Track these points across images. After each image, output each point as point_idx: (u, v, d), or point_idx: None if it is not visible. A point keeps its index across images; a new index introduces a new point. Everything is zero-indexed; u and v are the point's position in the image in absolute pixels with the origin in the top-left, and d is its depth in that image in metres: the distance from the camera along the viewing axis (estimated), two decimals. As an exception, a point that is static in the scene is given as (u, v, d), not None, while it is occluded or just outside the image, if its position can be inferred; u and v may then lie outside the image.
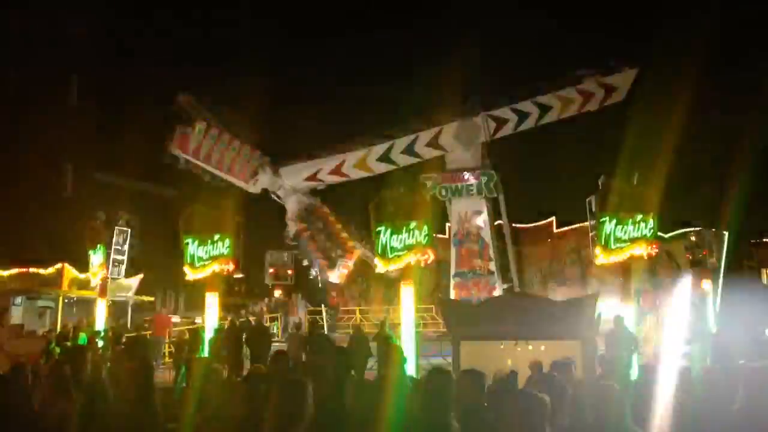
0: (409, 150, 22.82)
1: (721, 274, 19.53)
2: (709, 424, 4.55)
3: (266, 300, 26.56)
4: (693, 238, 19.32)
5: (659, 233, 16.07)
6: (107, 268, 20.66)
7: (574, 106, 21.32)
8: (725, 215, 21.69)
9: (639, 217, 14.79)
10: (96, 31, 34.83)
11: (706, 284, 17.48)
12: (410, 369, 11.77)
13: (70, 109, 33.46)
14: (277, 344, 17.54)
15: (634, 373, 10.22)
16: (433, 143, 22.68)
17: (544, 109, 21.56)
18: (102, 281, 20.47)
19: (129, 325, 23.51)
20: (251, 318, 20.70)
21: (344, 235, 23.82)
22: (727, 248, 19.77)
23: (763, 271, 33.18)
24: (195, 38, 40.31)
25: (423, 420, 3.94)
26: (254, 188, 23.78)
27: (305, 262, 23.76)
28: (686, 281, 15.45)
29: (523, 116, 21.84)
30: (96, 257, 20.87)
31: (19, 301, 24.26)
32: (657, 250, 15.55)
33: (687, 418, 4.60)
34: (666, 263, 19.60)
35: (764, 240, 33.48)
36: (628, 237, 14.77)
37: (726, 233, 19.69)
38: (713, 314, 16.86)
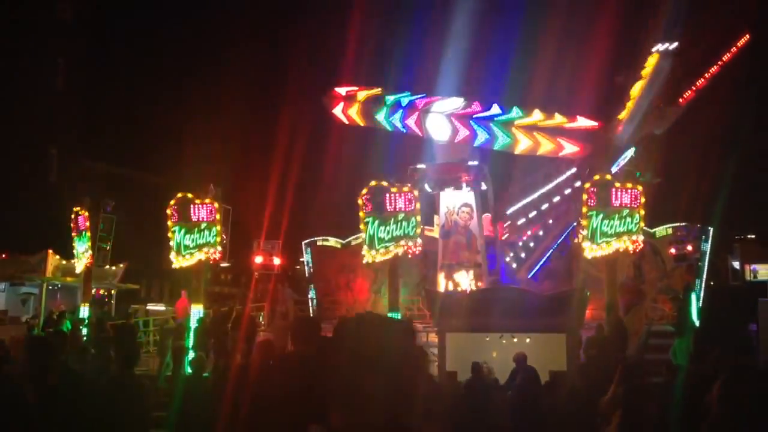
0: None
1: (705, 269, 19.67)
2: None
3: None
4: (678, 233, 19.45)
5: (645, 228, 16.15)
6: (92, 256, 20.48)
7: None
8: (710, 211, 21.85)
9: (625, 212, 14.85)
10: (82, 14, 34.44)
11: (690, 279, 17.64)
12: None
13: (55, 95, 33.05)
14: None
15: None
16: None
17: None
18: (86, 268, 20.29)
19: (113, 313, 23.37)
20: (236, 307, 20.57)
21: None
22: (712, 243, 19.89)
23: (746, 266, 33.44)
24: (184, 23, 39.88)
25: None
26: None
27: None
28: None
29: None
30: (80, 244, 20.68)
31: (3, 287, 24.03)
32: (642, 245, 15.65)
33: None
34: (651, 258, 19.70)
35: (748, 236, 33.79)
36: (614, 231, 14.83)
37: (711, 229, 19.81)
38: (697, 309, 16.99)
